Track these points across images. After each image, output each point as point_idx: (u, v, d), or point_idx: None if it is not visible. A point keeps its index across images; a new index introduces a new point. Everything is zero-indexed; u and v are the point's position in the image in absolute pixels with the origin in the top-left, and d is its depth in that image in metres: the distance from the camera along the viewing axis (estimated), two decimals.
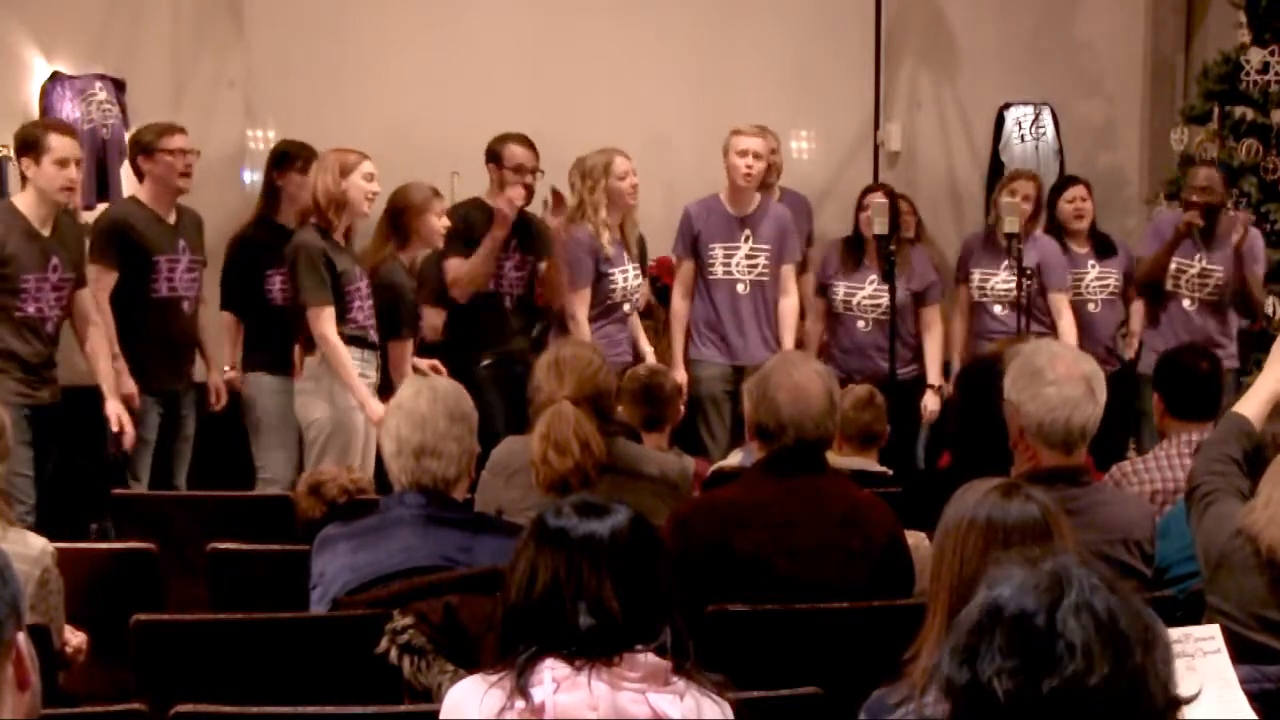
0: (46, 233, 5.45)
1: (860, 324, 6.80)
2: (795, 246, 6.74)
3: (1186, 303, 6.84)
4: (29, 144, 5.41)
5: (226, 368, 6.23)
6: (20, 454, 5.30)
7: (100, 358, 5.62)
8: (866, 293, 6.78)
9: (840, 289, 6.84)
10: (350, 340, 5.64)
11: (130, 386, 5.72)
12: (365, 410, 5.56)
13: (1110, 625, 1.59)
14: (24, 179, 5.48)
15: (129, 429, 5.63)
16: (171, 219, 5.89)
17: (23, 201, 5.46)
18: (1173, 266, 6.83)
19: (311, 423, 5.67)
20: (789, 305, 6.66)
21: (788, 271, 6.68)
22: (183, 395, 6.01)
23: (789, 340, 6.60)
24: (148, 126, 6.05)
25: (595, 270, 6.33)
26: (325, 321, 5.56)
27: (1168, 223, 6.97)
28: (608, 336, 6.24)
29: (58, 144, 5.39)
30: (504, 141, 6.41)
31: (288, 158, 6.25)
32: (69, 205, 5.75)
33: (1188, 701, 1.63)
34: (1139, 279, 6.98)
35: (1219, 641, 2.69)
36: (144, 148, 5.85)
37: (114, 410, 5.61)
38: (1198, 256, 6.81)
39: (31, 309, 5.41)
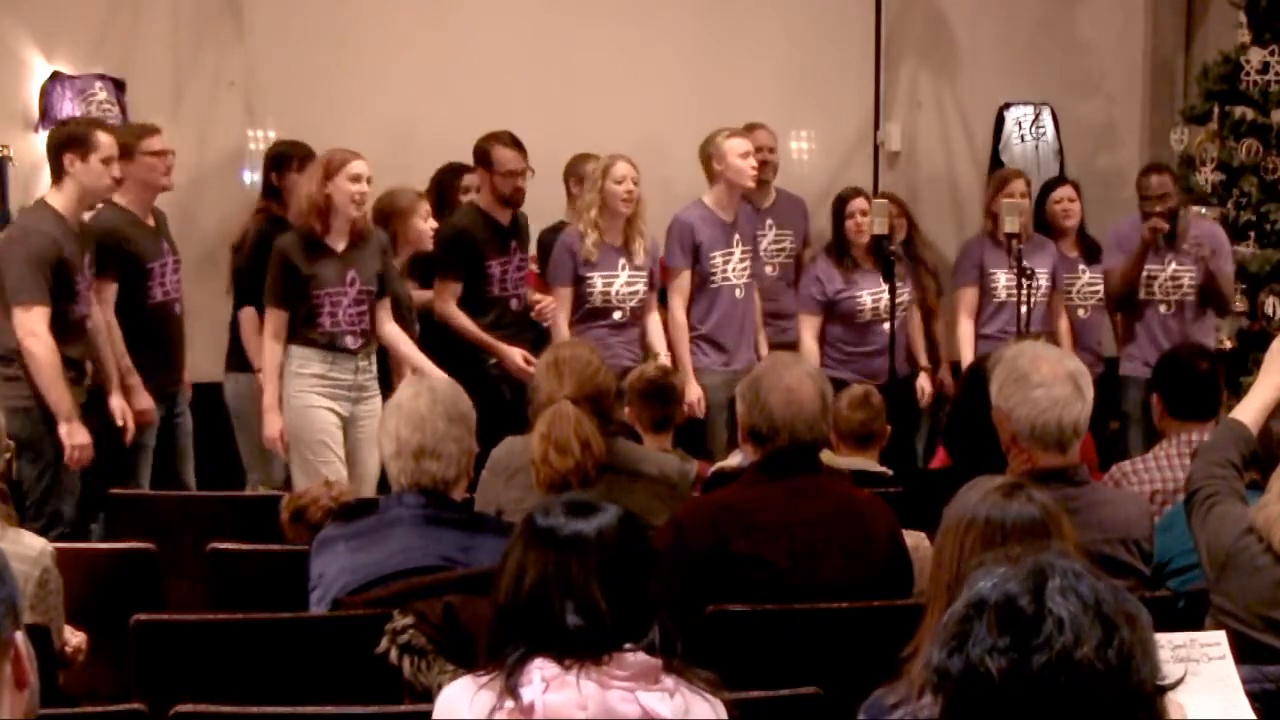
0: (77, 230, 5.43)
1: (885, 326, 6.73)
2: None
3: (1163, 308, 6.80)
4: (77, 139, 5.33)
5: (259, 367, 6.15)
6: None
7: (103, 353, 5.62)
8: (889, 295, 6.72)
9: (865, 296, 6.78)
10: (313, 344, 5.64)
11: (146, 402, 5.69)
12: (264, 415, 5.64)
13: (1096, 605, 1.61)
14: (59, 175, 5.34)
15: (130, 424, 5.62)
16: (151, 221, 5.86)
17: (58, 200, 5.35)
18: (1142, 276, 6.80)
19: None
20: (758, 305, 6.83)
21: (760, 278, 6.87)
22: (178, 395, 6.00)
23: (763, 338, 6.79)
24: (125, 128, 6.01)
25: (574, 272, 6.33)
26: (269, 322, 5.65)
27: (1127, 232, 6.92)
28: (596, 340, 6.18)
29: (105, 141, 5.36)
30: (492, 144, 6.33)
31: (285, 159, 6.25)
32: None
33: (1172, 687, 1.64)
34: (1112, 294, 6.92)
35: (1224, 647, 2.69)
36: (123, 151, 5.68)
37: (118, 405, 5.60)
38: (1167, 259, 6.77)
39: (78, 310, 5.38)
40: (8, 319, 5.19)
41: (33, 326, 5.14)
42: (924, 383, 7.01)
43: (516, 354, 6.27)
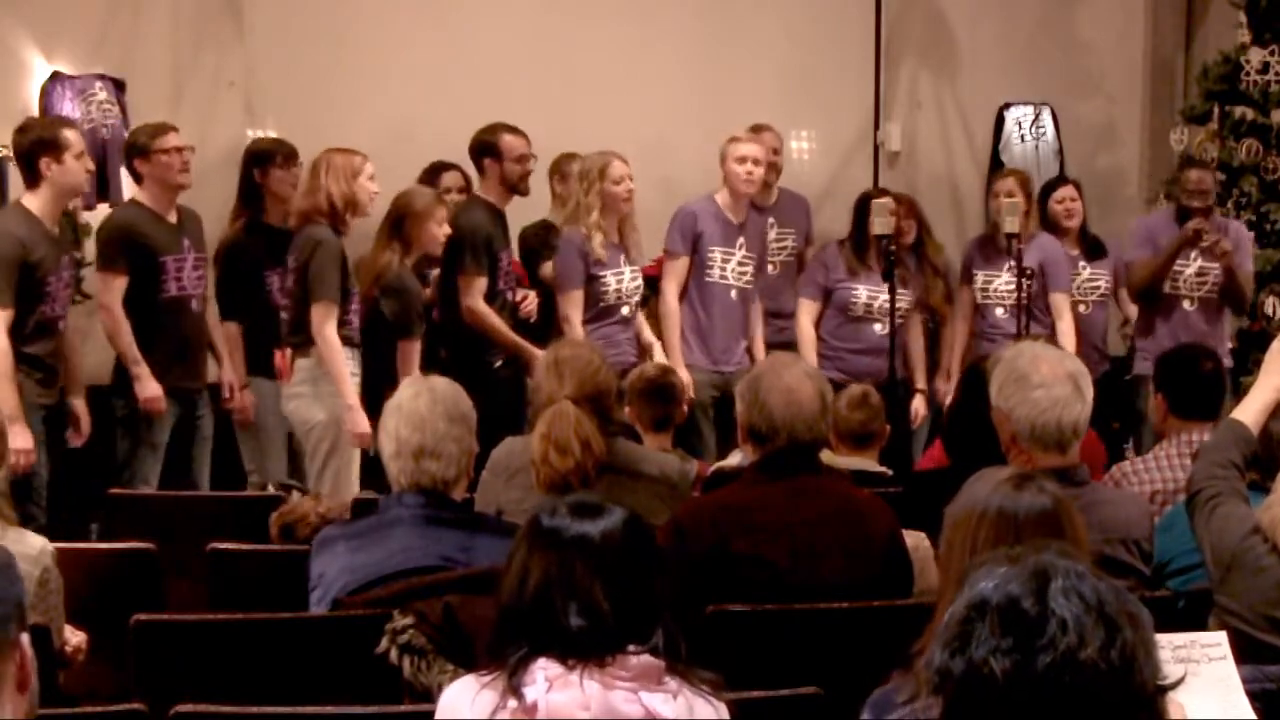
0: (56, 232, 5.44)
1: (878, 327, 6.75)
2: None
3: (1187, 304, 6.78)
4: (48, 142, 5.34)
5: (239, 384, 6.15)
6: (39, 457, 5.31)
7: (73, 357, 5.66)
8: (886, 297, 6.74)
9: (861, 291, 6.81)
10: (348, 342, 5.65)
11: (152, 390, 5.68)
12: (351, 415, 5.53)
13: (1099, 606, 1.61)
14: (36, 179, 5.37)
15: (85, 432, 5.65)
16: (173, 218, 5.87)
17: (35, 202, 5.37)
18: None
19: (312, 426, 5.64)
20: (759, 311, 6.80)
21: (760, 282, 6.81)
22: (199, 396, 5.98)
23: (761, 344, 6.74)
24: (141, 128, 6.02)
25: (586, 272, 6.32)
26: (330, 319, 5.55)
27: (1159, 225, 6.91)
28: (606, 338, 6.20)
29: (75, 138, 5.40)
30: (497, 133, 6.37)
31: (267, 156, 6.25)
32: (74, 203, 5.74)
33: (1173, 686, 1.64)
34: (1138, 285, 6.88)
35: (1225, 648, 2.69)
36: (139, 150, 5.79)
37: (80, 409, 5.63)
38: (1193, 255, 6.75)
39: (48, 310, 5.39)
40: None
41: None
42: (918, 405, 6.92)
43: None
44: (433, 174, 6.70)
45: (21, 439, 5.17)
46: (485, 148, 6.39)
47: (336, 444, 5.60)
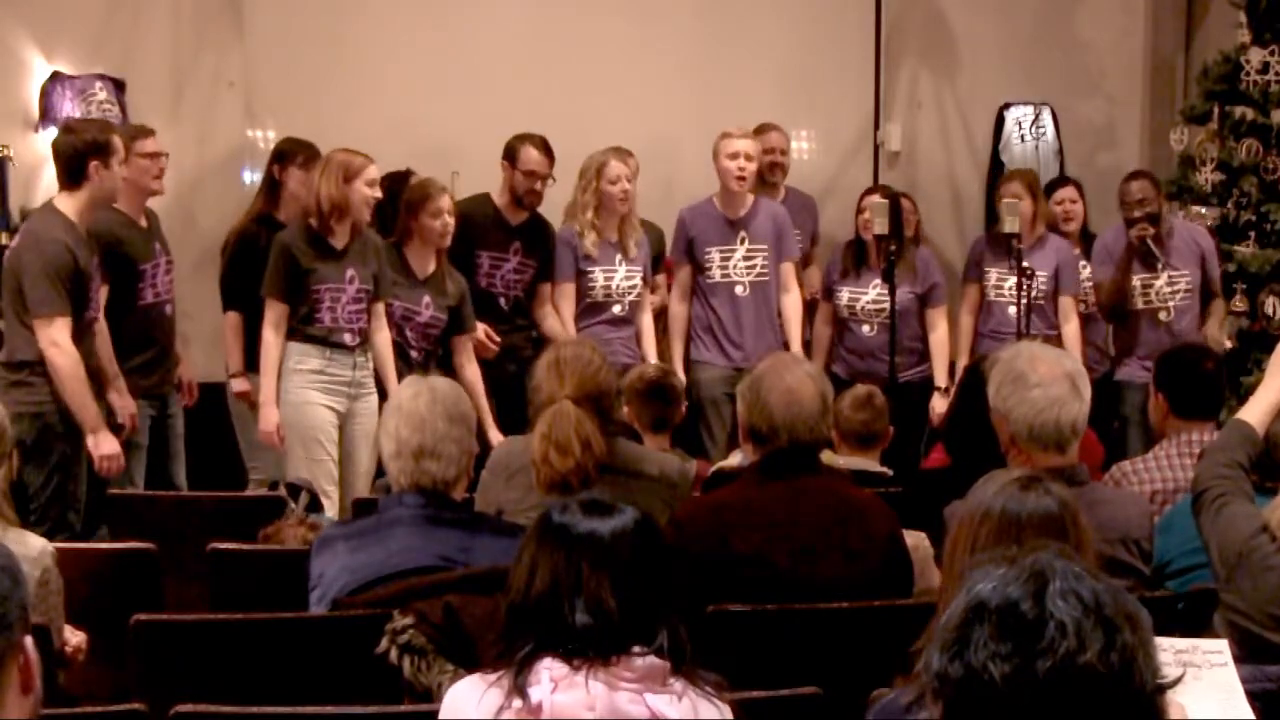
0: (86, 235, 5.37)
1: (865, 329, 6.78)
2: (793, 243, 6.79)
3: (1163, 315, 6.73)
4: (100, 146, 5.18)
5: (233, 371, 6.14)
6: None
7: (103, 352, 5.60)
8: (870, 297, 6.77)
9: (844, 294, 6.84)
10: (310, 339, 5.68)
11: (131, 407, 5.63)
12: (260, 409, 5.65)
13: (1097, 608, 1.61)
14: (78, 181, 5.19)
15: (130, 422, 5.59)
16: (143, 223, 5.84)
17: (71, 205, 5.21)
18: (1136, 285, 6.75)
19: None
20: (792, 301, 6.70)
21: (787, 269, 6.70)
22: (169, 395, 6.00)
23: (796, 335, 6.65)
24: (120, 129, 5.98)
25: (575, 266, 6.34)
26: (268, 314, 5.66)
27: (1114, 241, 6.85)
28: (594, 336, 6.19)
29: (120, 143, 5.29)
30: (523, 142, 6.41)
31: (288, 154, 6.24)
32: None
33: (1172, 685, 1.64)
34: (1103, 305, 6.88)
35: (1226, 655, 2.69)
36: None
37: (118, 402, 5.58)
38: (1160, 266, 6.73)
39: (91, 314, 5.33)
40: (21, 329, 5.17)
41: (54, 337, 5.08)
42: (937, 403, 6.81)
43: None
44: (394, 181, 6.60)
45: (107, 445, 5.17)
46: (507, 151, 6.46)
47: (292, 435, 5.65)
